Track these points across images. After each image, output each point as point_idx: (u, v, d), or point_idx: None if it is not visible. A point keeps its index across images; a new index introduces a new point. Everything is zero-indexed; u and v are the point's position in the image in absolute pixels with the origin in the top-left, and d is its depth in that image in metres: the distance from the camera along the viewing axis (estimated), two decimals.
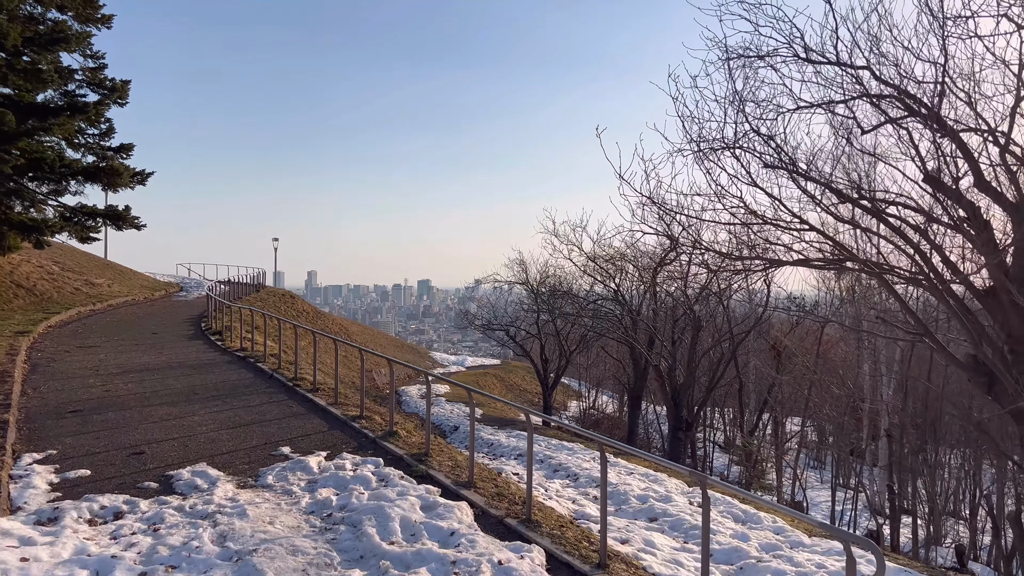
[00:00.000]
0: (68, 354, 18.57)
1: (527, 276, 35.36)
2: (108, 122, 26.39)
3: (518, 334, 36.56)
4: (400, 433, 11.53)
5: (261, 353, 18.77)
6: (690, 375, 21.77)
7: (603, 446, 7.44)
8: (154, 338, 22.29)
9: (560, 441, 20.31)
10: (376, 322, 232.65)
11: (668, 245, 25.35)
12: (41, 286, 30.78)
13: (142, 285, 43.30)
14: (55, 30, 22.02)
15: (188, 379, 15.74)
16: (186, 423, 11.96)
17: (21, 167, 22.54)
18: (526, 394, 50.53)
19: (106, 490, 8.70)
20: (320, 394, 14.46)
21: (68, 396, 13.61)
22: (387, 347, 54.72)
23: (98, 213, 25.99)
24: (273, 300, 42.27)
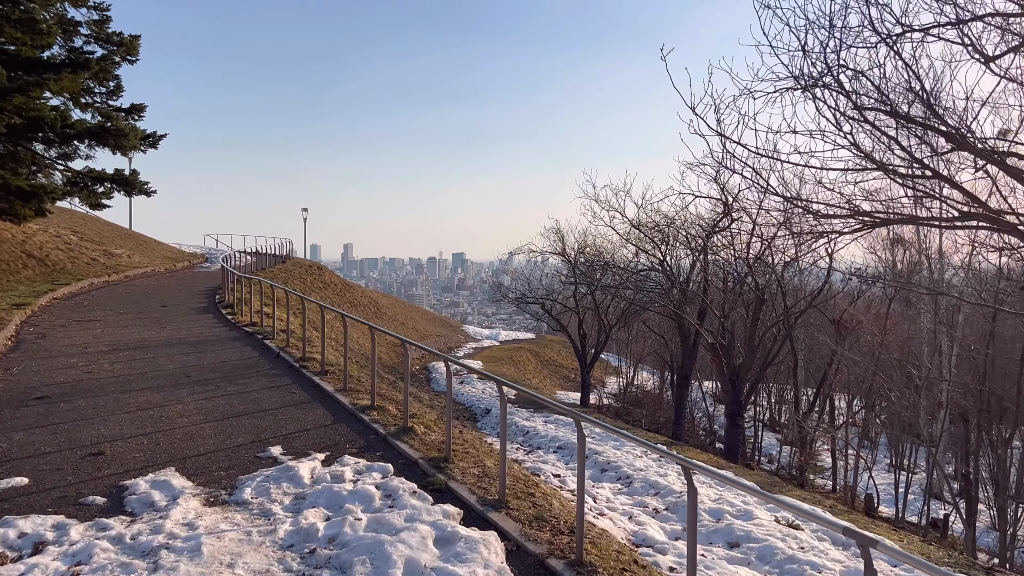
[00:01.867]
0: (63, 329, 16.90)
1: (564, 246, 33.10)
2: (116, 79, 24.56)
3: (554, 308, 34.36)
4: (417, 429, 9.49)
5: (271, 329, 16.90)
6: (750, 354, 19.48)
7: (689, 469, 5.29)
8: (161, 312, 20.59)
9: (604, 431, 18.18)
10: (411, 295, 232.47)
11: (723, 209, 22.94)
12: (55, 256, 29.35)
13: (164, 256, 41.94)
14: None
15: (183, 358, 13.90)
16: (166, 413, 10.08)
17: (18, 127, 20.82)
18: (562, 370, 48.50)
19: (39, 507, 6.81)
20: (329, 377, 12.50)
21: (41, 379, 11.83)
22: (419, 320, 53.00)
23: (105, 177, 24.28)
24: (299, 272, 40.59)
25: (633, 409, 33.65)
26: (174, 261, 39.93)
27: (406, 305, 63.94)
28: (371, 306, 45.81)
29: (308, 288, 37.64)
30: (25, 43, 21.39)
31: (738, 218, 23.59)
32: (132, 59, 25.67)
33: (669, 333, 37.93)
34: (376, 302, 48.77)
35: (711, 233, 23.87)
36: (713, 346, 20.36)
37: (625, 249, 29.66)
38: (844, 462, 29.44)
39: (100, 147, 24.78)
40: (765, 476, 15.95)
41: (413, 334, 45.36)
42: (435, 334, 48.66)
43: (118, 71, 25.44)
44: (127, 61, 25.64)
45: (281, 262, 42.34)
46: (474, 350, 45.49)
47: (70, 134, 22.36)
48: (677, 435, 25.32)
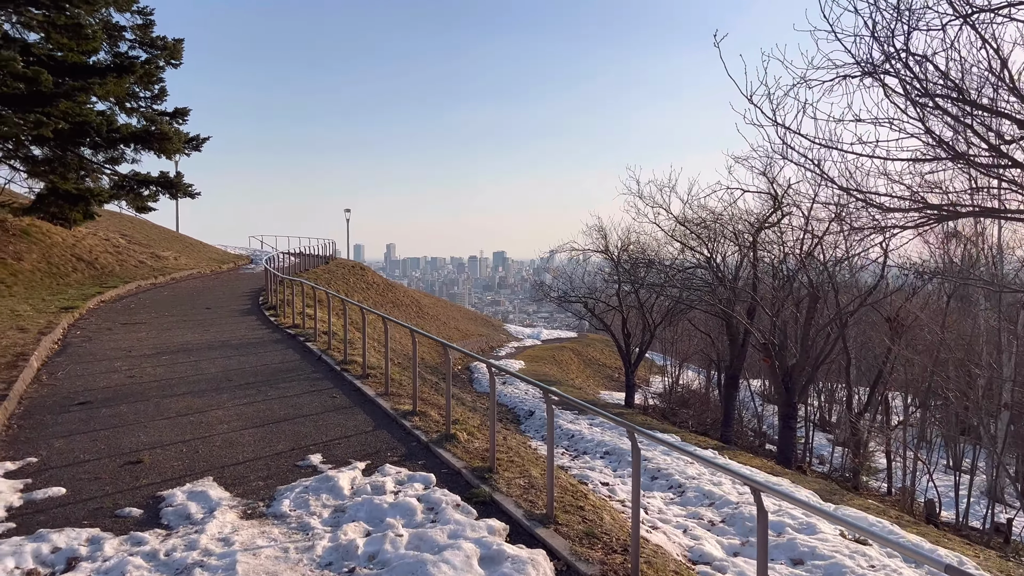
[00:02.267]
0: (109, 332, 17.00)
1: (607, 244, 32.55)
2: (161, 83, 24.77)
3: (596, 307, 33.83)
4: (459, 436, 9.16)
5: (313, 331, 16.77)
6: (804, 355, 18.74)
7: (758, 490, 4.85)
8: (205, 314, 20.65)
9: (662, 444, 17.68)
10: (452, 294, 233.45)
11: (773, 203, 22.23)
12: (103, 259, 29.80)
13: (210, 258, 42.45)
14: None
15: (225, 362, 13.80)
16: (206, 419, 9.91)
17: (66, 132, 21.08)
18: (605, 369, 47.95)
19: (74, 519, 6.64)
20: (370, 381, 12.25)
21: (84, 383, 11.80)
22: (460, 319, 52.88)
23: (150, 180, 24.51)
24: (342, 272, 40.72)
25: (679, 409, 33.00)
26: (219, 263, 40.37)
27: (448, 304, 63.94)
28: (413, 306, 45.80)
29: (351, 288, 37.73)
30: (71, 49, 21.65)
31: (788, 213, 22.86)
32: (176, 63, 25.89)
33: (716, 332, 37.15)
34: (418, 302, 48.77)
35: (760, 228, 23.14)
36: (765, 346, 19.67)
37: (670, 246, 29.04)
38: (900, 463, 28.40)
39: (145, 151, 25.03)
40: (822, 482, 15.30)
41: (455, 333, 45.25)
42: (477, 333, 48.48)
43: (162, 75, 25.67)
44: (171, 65, 25.86)
45: (324, 263, 42.53)
46: (516, 349, 45.18)
47: (116, 138, 22.59)
48: (726, 437, 24.65)
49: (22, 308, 18.59)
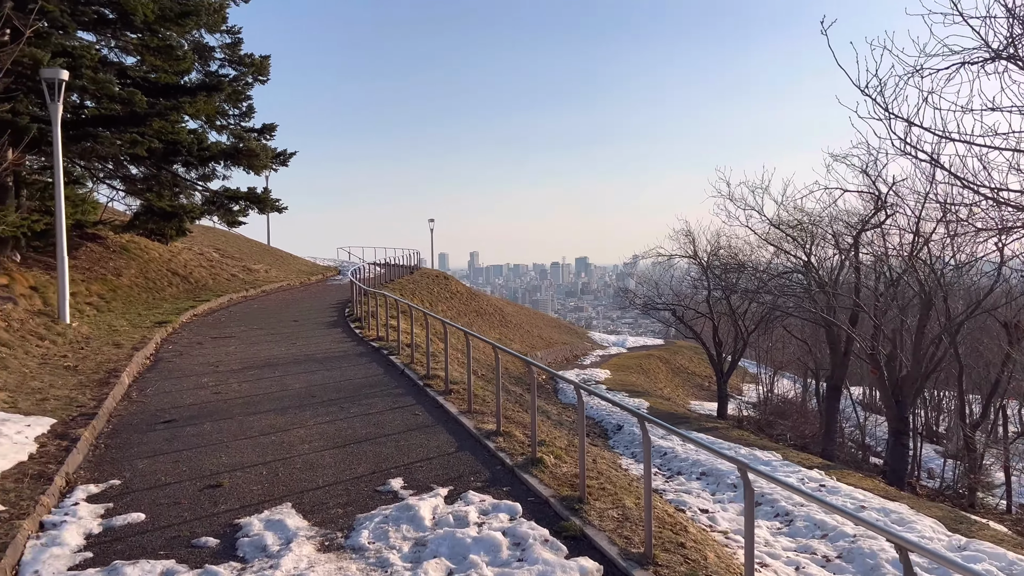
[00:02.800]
0: (199, 346, 17.26)
1: (695, 248, 31.44)
2: (248, 100, 25.28)
3: (685, 313, 32.70)
4: (546, 460, 8.60)
5: (396, 344, 16.56)
6: (916, 365, 17.34)
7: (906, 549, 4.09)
8: (293, 327, 20.82)
9: (751, 448, 16.67)
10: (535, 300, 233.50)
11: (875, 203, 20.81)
12: (198, 273, 30.71)
13: (299, 270, 43.36)
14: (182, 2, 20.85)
15: (310, 377, 13.69)
16: (288, 439, 9.69)
17: (159, 151, 21.69)
18: (694, 377, 46.50)
19: (150, 549, 6.42)
20: (453, 398, 11.84)
21: (171, 400, 11.83)
22: (544, 327, 52.38)
23: (240, 196, 25.02)
24: (426, 282, 40.89)
25: (775, 421, 31.46)
26: (308, 275, 41.17)
27: (531, 312, 63.59)
28: (496, 314, 45.60)
29: (435, 298, 37.78)
30: (164, 70, 22.28)
31: (893, 213, 21.38)
32: (263, 79, 26.39)
33: (813, 339, 35.41)
34: (501, 310, 48.56)
35: (862, 229, 21.72)
36: (872, 356, 18.34)
37: (764, 250, 27.73)
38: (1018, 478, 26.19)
39: (235, 167, 25.58)
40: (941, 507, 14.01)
41: (538, 342, 44.77)
42: (561, 342, 47.86)
43: (250, 92, 26.21)
44: (258, 81, 26.37)
45: (409, 273, 42.82)
46: (601, 358, 44.32)
47: (206, 156, 23.14)
48: (828, 452, 23.23)
49: (119, 323, 19.14)
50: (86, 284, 22.52)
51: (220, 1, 23.08)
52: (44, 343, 15.10)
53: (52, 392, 11.25)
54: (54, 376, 12.38)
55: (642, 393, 28.78)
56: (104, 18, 19.94)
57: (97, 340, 16.52)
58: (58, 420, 9.81)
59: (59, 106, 17.24)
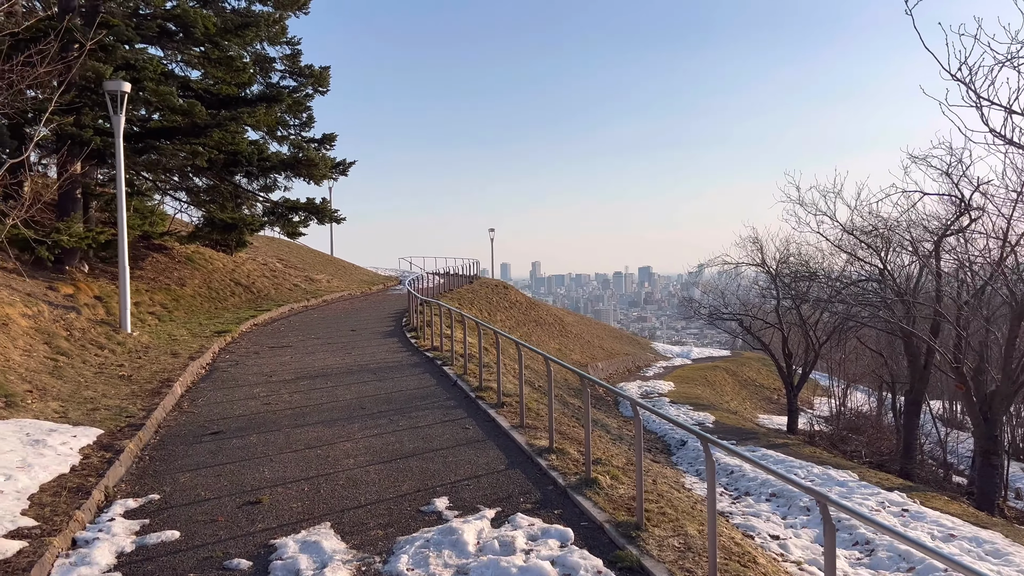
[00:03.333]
0: (256, 356, 17.21)
1: (763, 256, 30.29)
2: (308, 111, 25.43)
3: (753, 324, 31.51)
4: (601, 481, 8.01)
5: (451, 354, 16.18)
6: (1007, 380, 16.03)
7: None
8: (350, 336, 20.68)
9: (824, 467, 15.65)
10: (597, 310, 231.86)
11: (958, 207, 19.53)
12: (260, 283, 31.06)
13: (361, 280, 43.64)
14: (243, 14, 21.07)
15: (361, 387, 13.39)
16: (333, 453, 9.34)
17: (219, 162, 21.93)
18: (762, 390, 44.93)
19: (181, 571, 6.10)
20: (505, 411, 11.34)
21: (221, 411, 11.66)
22: (605, 338, 51.50)
23: (298, 207, 25.14)
24: (485, 291, 40.59)
25: (849, 436, 29.96)
26: (369, 284, 41.38)
27: (591, 322, 62.70)
28: (556, 324, 44.99)
29: (493, 308, 37.44)
30: (225, 82, 22.54)
31: (977, 217, 20.03)
32: (323, 90, 26.53)
33: (889, 351, 33.73)
34: (561, 319, 47.92)
35: (944, 234, 20.41)
36: (958, 370, 17.08)
37: (836, 257, 26.46)
38: None
39: (295, 178, 25.74)
40: None
41: (599, 352, 43.96)
42: (622, 352, 46.93)
43: (310, 103, 26.37)
44: (318, 92, 26.52)
45: (469, 282, 42.64)
46: (664, 369, 43.22)
47: (266, 166, 23.30)
48: (907, 471, 21.86)
49: (179, 332, 19.30)
50: (150, 294, 22.88)
51: (280, 12, 23.25)
52: (103, 352, 15.22)
53: (103, 402, 11.20)
54: (108, 386, 12.37)
55: (707, 406, 27.76)
56: (167, 31, 20.25)
57: (156, 349, 16.62)
58: (105, 431, 9.69)
59: (121, 118, 17.49)
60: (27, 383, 11.23)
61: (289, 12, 24.27)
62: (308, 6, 25.00)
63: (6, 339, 12.70)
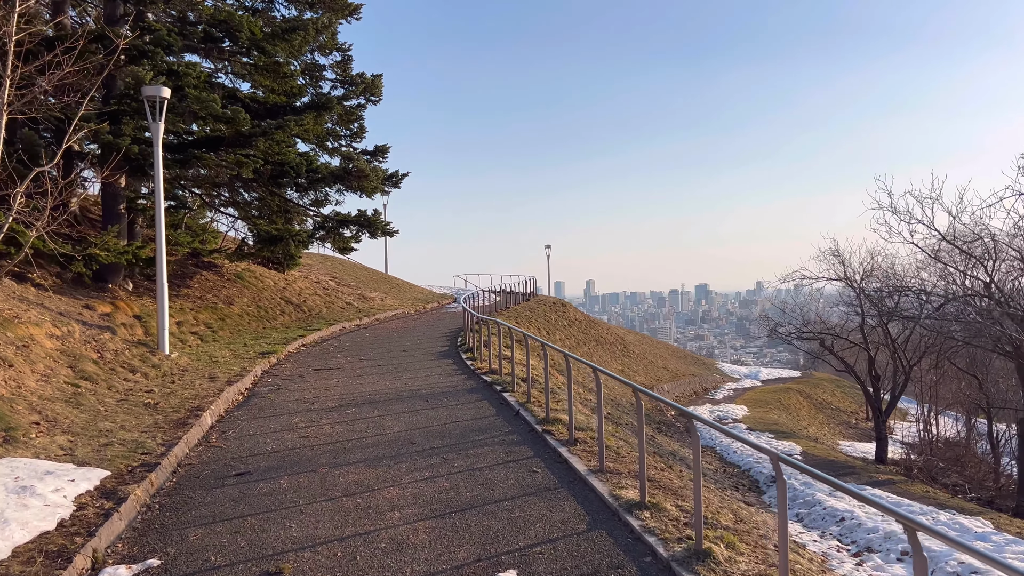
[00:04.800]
0: (300, 379, 15.83)
1: (845, 270, 27.91)
2: (360, 120, 24.25)
3: (835, 344, 29.06)
4: (716, 552, 6.19)
5: (510, 378, 14.50)
6: None
7: None
8: (402, 357, 19.21)
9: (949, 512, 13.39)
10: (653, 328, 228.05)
11: None
12: (312, 302, 29.99)
13: (415, 298, 42.43)
14: (291, 20, 20.00)
15: (411, 417, 11.80)
16: (375, 502, 7.74)
17: (266, 173, 20.82)
18: (839, 414, 42.07)
19: None
20: (579, 449, 9.58)
21: (252, 445, 10.20)
22: (668, 358, 49.21)
23: (349, 220, 23.89)
24: (543, 309, 38.87)
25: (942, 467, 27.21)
26: (424, 302, 40.10)
27: (652, 341, 60.37)
28: (617, 344, 42.99)
29: (552, 326, 35.69)
30: (272, 90, 21.50)
31: None
32: (375, 99, 25.35)
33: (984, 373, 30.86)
34: (622, 339, 45.87)
35: None
36: None
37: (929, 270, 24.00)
38: None
39: (345, 190, 24.56)
40: None
41: (664, 374, 41.78)
42: (688, 373, 44.60)
43: (362, 113, 25.21)
44: (370, 101, 25.35)
45: (526, 300, 40.99)
46: (734, 392, 40.77)
47: (315, 177, 22.13)
48: None
49: (221, 354, 18.09)
50: (194, 313, 21.84)
51: (329, 17, 22.13)
52: (134, 376, 14.00)
53: (119, 435, 9.83)
54: (129, 415, 11.04)
55: (788, 434, 25.45)
56: (211, 36, 19.29)
57: (193, 372, 15.37)
58: (112, 472, 8.28)
59: (160, 126, 16.44)
60: (36, 413, 9.95)
61: (340, 18, 23.16)
62: (359, 12, 23.88)
63: (24, 363, 11.51)
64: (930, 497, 15.67)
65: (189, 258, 26.53)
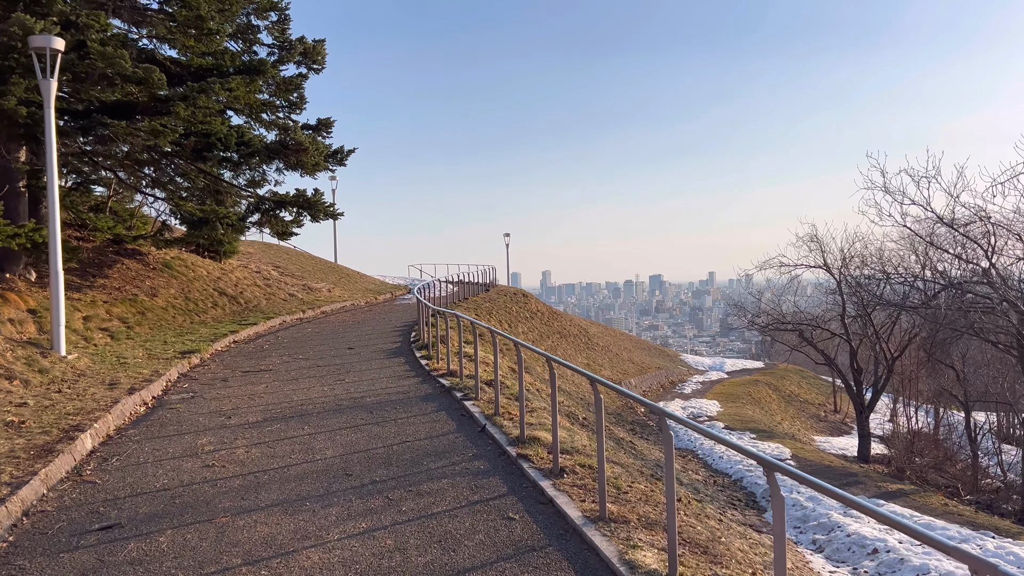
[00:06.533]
0: (222, 384, 13.34)
1: (824, 257, 26.26)
2: (297, 89, 21.58)
3: (813, 335, 27.44)
4: None
5: (472, 382, 12.22)
6: None
7: None
8: (345, 356, 16.79)
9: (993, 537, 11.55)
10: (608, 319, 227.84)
11: None
12: (250, 293, 27.25)
13: (366, 289, 39.78)
14: None
15: (350, 436, 9.46)
16: (290, 569, 5.41)
17: (189, 146, 18.14)
18: (807, 406, 40.75)
19: None
20: (569, 483, 7.34)
21: (136, 481, 7.76)
22: (633, 350, 47.45)
23: (288, 201, 21.24)
24: (503, 300, 36.64)
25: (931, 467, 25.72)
26: (375, 293, 37.48)
27: (616, 333, 58.61)
28: (581, 336, 41.00)
29: (514, 319, 33.50)
30: (197, 52, 18.80)
31: None
32: (317, 67, 22.71)
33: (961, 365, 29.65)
34: (586, 331, 43.91)
35: None
36: None
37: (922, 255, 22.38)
38: None
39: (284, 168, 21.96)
40: None
41: (630, 367, 39.94)
42: (654, 366, 42.86)
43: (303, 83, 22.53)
44: (312, 70, 22.69)
45: (485, 290, 38.72)
46: (703, 385, 39.13)
47: (246, 151, 19.48)
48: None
49: (133, 354, 15.45)
50: (108, 306, 19.08)
51: None
52: (10, 384, 11.37)
53: None
54: None
55: (768, 433, 23.70)
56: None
57: (91, 377, 12.77)
58: None
59: (52, 83, 13.73)
60: None
61: None
62: None
63: None
64: (953, 512, 13.91)
65: (109, 245, 23.62)
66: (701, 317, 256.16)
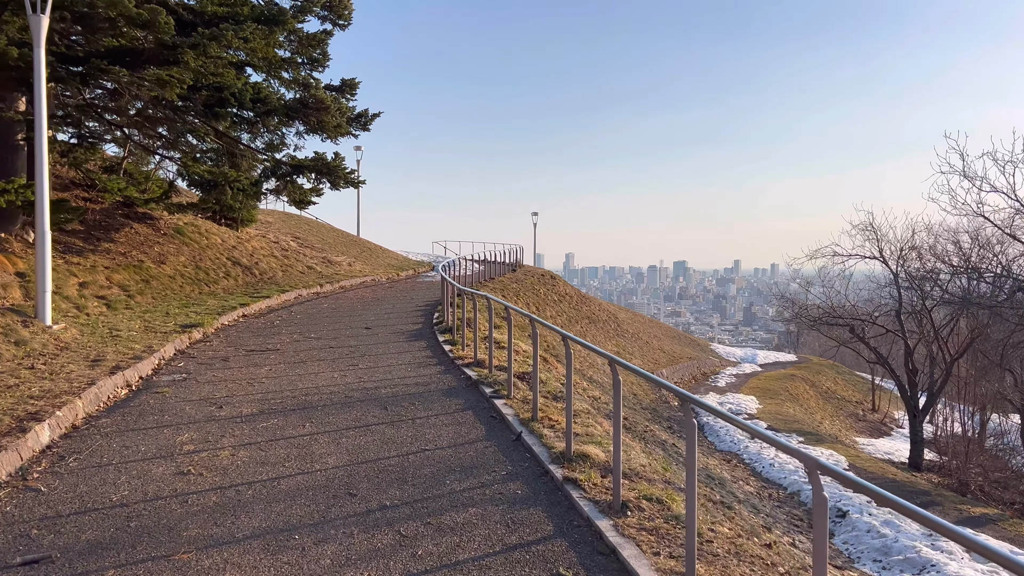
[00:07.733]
0: (221, 365, 11.85)
1: (880, 247, 24.27)
2: (320, 46, 19.93)
3: (865, 331, 25.49)
4: None
5: (503, 375, 10.59)
6: None
7: None
8: (361, 337, 15.25)
9: None
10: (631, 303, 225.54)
11: None
12: (266, 264, 25.81)
13: (388, 264, 38.29)
14: None
15: (359, 439, 7.88)
16: None
17: (200, 100, 16.59)
18: (845, 404, 38.76)
19: None
20: (634, 523, 5.67)
21: (90, 489, 6.24)
22: (663, 339, 45.62)
23: (305, 165, 19.64)
24: (531, 281, 34.94)
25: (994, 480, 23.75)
26: (398, 270, 35.95)
27: (645, 320, 56.73)
28: (611, 322, 39.26)
29: (542, 301, 31.84)
30: None
31: None
32: (342, 23, 21.04)
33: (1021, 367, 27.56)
34: (615, 316, 42.15)
35: None
36: None
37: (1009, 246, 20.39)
38: None
39: (305, 132, 20.40)
40: None
41: (661, 356, 38.17)
42: (686, 356, 41.05)
43: (328, 40, 20.89)
44: (337, 26, 21.03)
45: (512, 271, 37.03)
46: (736, 378, 37.29)
47: (263, 109, 17.89)
48: None
49: (129, 325, 14.02)
50: (109, 272, 17.69)
51: None
52: None
53: None
54: None
55: (816, 436, 21.92)
56: None
57: (74, 351, 11.33)
58: None
59: (43, 20, 12.23)
60: None
61: None
62: None
63: None
64: None
65: (119, 207, 22.26)
66: (725, 305, 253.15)
